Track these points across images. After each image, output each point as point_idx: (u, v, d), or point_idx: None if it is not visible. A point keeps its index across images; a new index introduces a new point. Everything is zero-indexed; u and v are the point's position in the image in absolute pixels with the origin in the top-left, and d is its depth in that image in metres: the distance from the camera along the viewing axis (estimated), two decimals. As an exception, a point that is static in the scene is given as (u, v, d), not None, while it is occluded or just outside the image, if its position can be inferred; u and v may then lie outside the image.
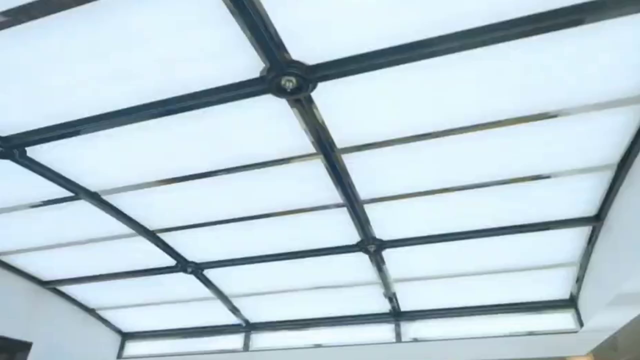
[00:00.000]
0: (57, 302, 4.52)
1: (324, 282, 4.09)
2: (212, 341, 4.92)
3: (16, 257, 3.90)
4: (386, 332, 4.39)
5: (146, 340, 5.20)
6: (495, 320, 4.19)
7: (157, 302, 4.67)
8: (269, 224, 3.30)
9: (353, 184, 2.78)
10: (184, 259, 3.83)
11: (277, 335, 4.71)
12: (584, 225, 3.13)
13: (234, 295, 4.40)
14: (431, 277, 3.92)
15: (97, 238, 3.55)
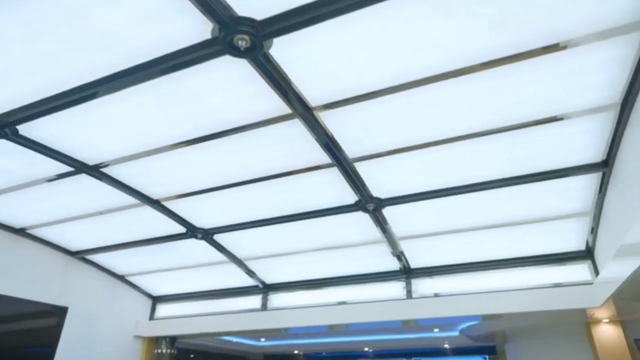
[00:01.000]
0: (88, 270, 4.86)
1: (332, 243, 4.13)
2: (233, 302, 5.16)
3: (44, 230, 4.18)
4: (397, 289, 4.41)
5: (174, 302, 5.53)
6: (508, 274, 4.10)
7: (179, 267, 4.91)
8: (266, 188, 3.32)
9: (337, 142, 2.72)
10: (192, 225, 3.97)
11: (292, 295, 4.88)
12: (593, 172, 2.93)
13: (247, 258, 4.55)
14: (439, 233, 3.85)
15: (108, 209, 3.72)
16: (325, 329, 5.18)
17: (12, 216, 3.93)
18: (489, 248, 4.04)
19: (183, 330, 5.25)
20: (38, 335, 4.26)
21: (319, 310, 4.58)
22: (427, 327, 5.62)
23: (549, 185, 3.11)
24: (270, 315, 4.83)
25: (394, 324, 4.59)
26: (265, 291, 5.00)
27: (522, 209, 3.47)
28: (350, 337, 6.51)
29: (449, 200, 3.34)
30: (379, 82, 2.31)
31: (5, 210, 3.80)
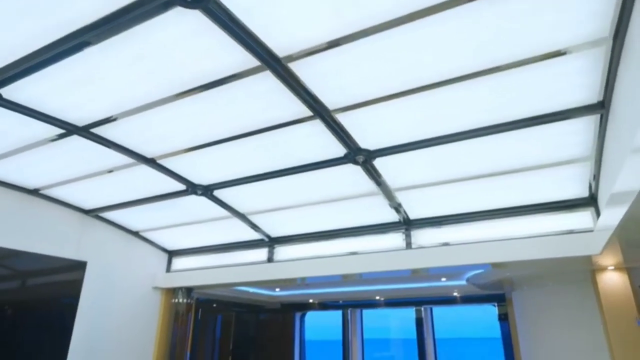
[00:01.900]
0: (103, 227, 5.12)
1: (328, 196, 4.16)
2: (242, 255, 5.36)
3: (56, 190, 4.37)
4: (397, 240, 4.44)
5: (188, 256, 5.81)
6: (511, 223, 4.02)
7: (189, 223, 5.09)
8: (254, 143, 3.32)
9: (313, 93, 2.66)
10: (191, 182, 4.07)
11: (295, 247, 5.01)
12: (589, 114, 2.75)
13: (249, 213, 4.66)
14: (435, 184, 3.78)
15: (109, 169, 3.85)
16: (334, 279, 5.35)
17: (24, 178, 4.12)
18: (490, 197, 3.96)
19: (197, 281, 5.53)
20: (62, 289, 4.59)
21: (321, 261, 4.70)
22: (433, 276, 5.67)
23: (545, 131, 2.96)
24: (276, 267, 5.00)
25: (397, 273, 4.64)
26: (271, 244, 5.16)
27: (520, 156, 3.34)
28: (360, 286, 6.68)
29: (440, 149, 3.25)
30: (347, 28, 2.20)
31: (17, 172, 3.98)
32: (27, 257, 4.25)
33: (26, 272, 4.34)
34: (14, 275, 4.25)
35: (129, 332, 5.23)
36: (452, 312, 54.88)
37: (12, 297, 4.12)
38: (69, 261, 4.63)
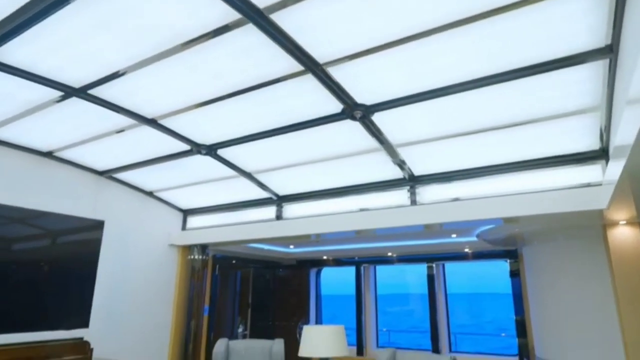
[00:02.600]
0: (117, 188, 5.30)
1: (331, 154, 4.13)
2: (252, 213, 5.48)
3: (68, 152, 4.51)
4: (402, 196, 4.41)
5: (202, 214, 5.98)
6: (521, 176, 3.90)
7: (199, 182, 5.19)
8: (250, 101, 3.29)
9: (299, 45, 2.58)
10: (194, 142, 4.11)
11: (303, 205, 5.07)
12: (597, 59, 2.57)
13: (255, 172, 4.71)
14: (438, 139, 3.68)
15: (115, 130, 3.93)
16: (342, 236, 5.42)
17: (37, 141, 4.25)
18: (498, 151, 3.83)
19: (210, 239, 5.72)
20: (82, 247, 4.81)
21: (327, 218, 4.75)
22: (444, 232, 5.67)
23: (551, 79, 2.80)
24: (284, 224, 5.10)
25: (404, 229, 4.64)
26: (279, 202, 5.23)
27: (524, 108, 3.19)
28: (373, 243, 6.76)
29: (441, 102, 3.14)
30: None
31: (29, 135, 4.11)
32: (48, 216, 4.46)
33: (49, 231, 4.56)
34: (41, 235, 4.49)
35: (148, 287, 5.53)
36: (464, 268, 55.10)
37: (38, 256, 4.37)
38: (88, 220, 4.82)
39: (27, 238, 4.38)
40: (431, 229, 4.61)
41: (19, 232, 4.33)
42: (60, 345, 4.36)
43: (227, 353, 5.10)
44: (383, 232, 4.66)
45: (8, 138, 4.11)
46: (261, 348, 5.15)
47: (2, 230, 4.16)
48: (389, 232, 4.70)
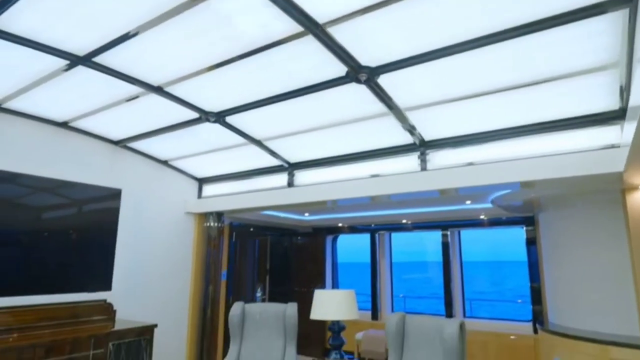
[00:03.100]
0: (133, 157, 5.42)
1: (339, 119, 4.07)
2: (264, 180, 5.52)
3: (83, 122, 4.60)
4: (413, 162, 4.34)
5: (217, 183, 6.08)
6: (537, 139, 3.76)
7: (212, 151, 5.24)
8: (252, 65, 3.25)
9: (296, 3, 2.50)
10: (202, 109, 4.12)
11: (314, 172, 5.07)
12: (617, 9, 2.39)
13: (264, 139, 4.71)
14: (448, 101, 3.56)
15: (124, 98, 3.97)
16: (352, 202, 5.42)
17: (51, 111, 4.34)
18: (511, 113, 3.69)
19: (225, 206, 5.83)
20: (101, 215, 4.97)
21: (338, 185, 4.74)
22: (458, 198, 5.59)
23: (566, 33, 2.64)
24: (296, 191, 5.13)
25: (417, 195, 4.58)
26: (290, 169, 5.25)
27: (539, 65, 3.03)
28: (387, 210, 6.75)
29: (449, 62, 3.01)
30: None
31: (43, 105, 4.20)
32: (68, 186, 4.60)
33: (72, 200, 4.72)
34: (64, 204, 4.66)
35: (167, 253, 5.72)
36: (482, 236, 54.97)
37: (63, 224, 4.55)
38: (106, 189, 4.95)
39: (51, 207, 4.55)
40: (445, 194, 4.51)
41: (45, 201, 4.50)
42: (85, 307, 4.60)
43: (243, 315, 5.27)
44: (395, 198, 4.62)
45: (24, 109, 4.21)
46: (275, 311, 5.31)
47: (30, 199, 4.35)
48: (401, 198, 4.65)
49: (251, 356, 5.09)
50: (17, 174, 4.22)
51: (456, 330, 3.83)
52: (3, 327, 3.89)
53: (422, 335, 4.20)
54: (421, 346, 4.17)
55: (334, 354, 4.58)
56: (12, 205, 4.20)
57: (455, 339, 3.78)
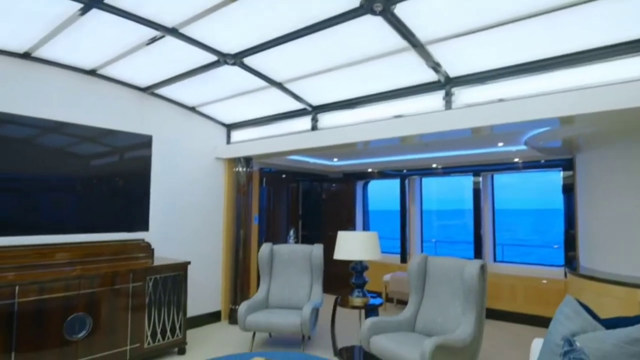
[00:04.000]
0: (161, 104, 5.53)
1: (359, 57, 3.91)
2: (289, 125, 5.51)
3: (109, 69, 4.69)
4: (439, 100, 4.15)
5: (244, 128, 6.15)
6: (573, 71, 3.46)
7: (235, 95, 5.25)
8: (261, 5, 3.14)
9: None
10: (219, 52, 4.08)
11: (337, 114, 4.98)
12: None
13: (285, 81, 4.63)
14: (474, 31, 3.30)
15: (143, 43, 3.99)
16: (378, 144, 5.33)
17: (77, 59, 4.45)
18: (544, 43, 3.37)
19: (252, 151, 5.90)
20: (135, 161, 5.19)
21: (363, 127, 4.65)
22: (489, 140, 5.35)
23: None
24: (319, 134, 5.09)
25: (444, 135, 4.41)
26: (314, 113, 5.18)
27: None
28: (416, 154, 6.59)
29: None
30: None
31: (70, 53, 4.31)
32: (100, 132, 4.81)
33: (111, 147, 4.95)
34: (106, 152, 4.91)
35: (200, 198, 5.96)
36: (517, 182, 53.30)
37: (104, 170, 4.81)
38: (136, 135, 5.14)
39: (94, 155, 4.80)
40: (476, 133, 4.25)
41: (88, 149, 4.76)
42: (126, 245, 4.97)
43: (271, 255, 5.51)
44: (422, 139, 4.47)
45: (52, 57, 4.34)
46: (302, 251, 5.50)
47: (76, 148, 4.62)
48: (428, 138, 4.49)
49: (280, 292, 5.36)
50: (62, 123, 4.46)
51: (476, 270, 3.81)
52: (55, 262, 4.29)
53: (443, 276, 4.23)
54: (442, 286, 4.21)
55: (356, 292, 4.73)
56: (62, 154, 4.49)
57: (474, 279, 3.77)
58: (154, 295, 4.45)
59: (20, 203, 4.20)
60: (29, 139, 4.28)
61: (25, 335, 3.51)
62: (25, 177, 4.20)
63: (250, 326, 4.74)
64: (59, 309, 3.73)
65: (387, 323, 4.11)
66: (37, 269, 4.06)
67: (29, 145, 4.27)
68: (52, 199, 4.44)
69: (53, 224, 4.39)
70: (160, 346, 4.48)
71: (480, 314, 3.81)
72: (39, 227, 4.28)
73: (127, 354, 4.18)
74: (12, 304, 3.47)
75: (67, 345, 3.76)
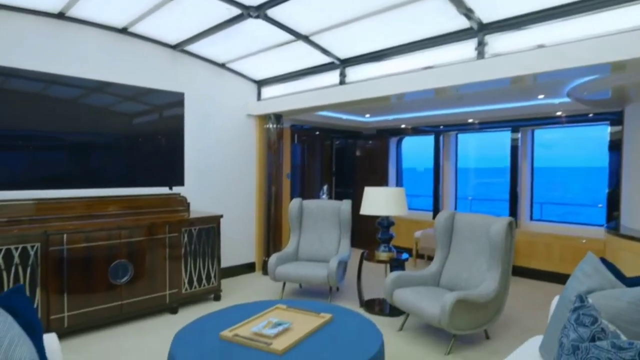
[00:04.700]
0: (193, 62, 5.59)
1: (386, 3, 3.72)
2: (317, 79, 5.43)
3: (138, 26, 4.77)
4: (469, 49, 3.92)
5: (273, 85, 6.12)
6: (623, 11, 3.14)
7: (263, 50, 5.20)
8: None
9: None
10: (242, 4, 4.01)
11: (365, 67, 4.84)
12: None
13: (311, 33, 4.53)
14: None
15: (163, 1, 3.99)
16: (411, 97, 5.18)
17: (108, 17, 4.55)
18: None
19: (281, 107, 5.91)
20: (170, 118, 5.35)
21: (392, 79, 4.50)
22: (528, 92, 5.04)
23: None
24: (347, 88, 4.99)
25: (478, 86, 4.21)
26: (342, 67, 5.06)
27: None
28: (450, 109, 6.34)
29: None
30: None
31: (100, 12, 4.41)
32: (132, 89, 4.96)
33: (148, 105, 5.12)
34: (146, 110, 5.09)
35: (231, 156, 6.11)
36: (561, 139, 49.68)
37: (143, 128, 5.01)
38: (169, 92, 5.25)
39: (133, 114, 4.99)
40: (517, 84, 3.93)
41: (128, 107, 4.95)
42: (163, 199, 5.23)
43: (301, 210, 5.63)
44: (457, 90, 4.25)
45: (85, 16, 4.45)
46: (331, 207, 5.58)
47: (118, 107, 4.83)
48: (464, 90, 4.26)
49: (309, 246, 5.52)
50: (105, 83, 4.64)
51: (503, 227, 3.73)
52: (98, 213, 4.61)
53: (469, 232, 4.18)
54: (468, 242, 4.17)
55: (382, 247, 4.78)
56: (106, 113, 4.72)
57: (501, 236, 3.70)
58: (189, 245, 4.72)
59: (68, 159, 4.49)
60: (75, 99, 4.50)
61: (75, 279, 3.87)
62: (71, 136, 4.46)
63: (279, 277, 4.96)
64: (103, 256, 4.05)
65: (411, 277, 4.16)
66: (83, 219, 4.39)
67: (76, 105, 4.50)
68: (95, 155, 4.71)
69: (96, 178, 4.69)
70: (197, 292, 4.80)
71: (506, 271, 3.76)
72: (81, 181, 4.57)
73: (167, 298, 4.52)
74: (61, 250, 3.80)
75: (113, 289, 4.11)
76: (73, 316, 3.85)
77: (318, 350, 2.42)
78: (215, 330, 2.67)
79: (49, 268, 3.73)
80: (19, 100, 4.11)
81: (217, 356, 2.33)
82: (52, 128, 4.30)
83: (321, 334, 2.65)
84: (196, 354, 2.35)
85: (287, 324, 2.71)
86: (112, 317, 4.11)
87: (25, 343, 1.27)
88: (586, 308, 1.70)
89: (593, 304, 1.72)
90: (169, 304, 4.53)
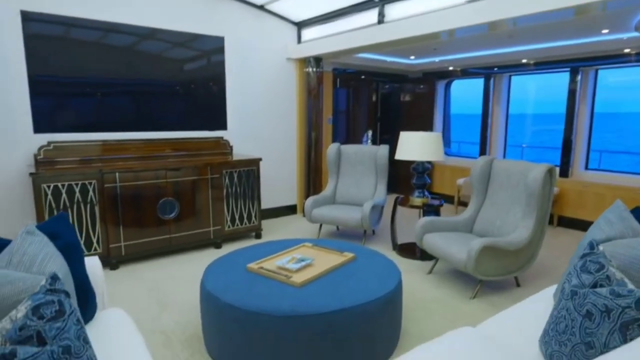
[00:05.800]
0: (231, 4, 5.54)
1: None
2: (356, 19, 5.22)
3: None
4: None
5: (313, 26, 5.97)
6: None
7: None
8: None
9: None
10: (274, -60, 3.87)
11: (405, 4, 4.56)
12: None
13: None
14: None
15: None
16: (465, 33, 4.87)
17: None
18: None
19: (320, 50, 5.78)
20: (211, 63, 5.47)
21: (433, 16, 4.24)
22: (589, 27, 4.54)
23: None
24: (386, 27, 4.76)
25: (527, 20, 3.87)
26: (381, 3, 4.80)
27: None
28: (502, 48, 5.88)
29: None
30: None
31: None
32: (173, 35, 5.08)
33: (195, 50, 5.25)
34: (191, 56, 5.25)
35: (272, 100, 6.17)
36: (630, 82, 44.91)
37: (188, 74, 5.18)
38: (208, 37, 5.33)
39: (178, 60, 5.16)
40: (584, 13, 3.51)
41: (176, 54, 5.12)
42: (210, 142, 5.49)
43: (339, 155, 5.68)
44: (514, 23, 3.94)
45: (125, -39, 4.52)
46: (369, 151, 5.57)
47: (171, 52, 5.03)
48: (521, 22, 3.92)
49: (346, 190, 5.62)
50: (156, 29, 4.82)
51: (541, 174, 3.58)
52: (145, 154, 4.95)
53: (507, 179, 4.05)
54: (505, 189, 4.06)
55: (417, 192, 4.77)
56: (160, 59, 4.94)
57: (538, 183, 3.57)
58: (230, 187, 4.98)
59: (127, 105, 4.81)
60: (131, 46, 4.73)
61: (128, 213, 4.28)
62: (130, 83, 4.76)
63: (315, 218, 5.14)
64: (152, 194, 4.41)
65: (443, 223, 4.15)
66: (134, 160, 4.75)
67: (132, 53, 4.74)
68: (149, 101, 4.99)
69: (150, 122, 4.99)
70: (239, 230, 5.13)
71: (542, 219, 3.64)
72: (137, 124, 4.90)
73: (211, 233, 4.88)
74: (115, 187, 4.19)
75: (162, 224, 4.51)
76: (129, 246, 4.31)
77: (335, 285, 2.56)
78: (244, 263, 2.90)
79: (105, 203, 4.14)
80: (82, 49, 4.40)
81: (241, 285, 2.55)
82: (113, 75, 4.62)
83: (341, 271, 2.79)
84: (223, 282, 2.59)
85: (309, 260, 2.87)
86: (163, 249, 4.54)
87: (57, 259, 1.49)
88: (594, 255, 1.65)
89: (603, 251, 1.67)
90: (213, 239, 4.90)
